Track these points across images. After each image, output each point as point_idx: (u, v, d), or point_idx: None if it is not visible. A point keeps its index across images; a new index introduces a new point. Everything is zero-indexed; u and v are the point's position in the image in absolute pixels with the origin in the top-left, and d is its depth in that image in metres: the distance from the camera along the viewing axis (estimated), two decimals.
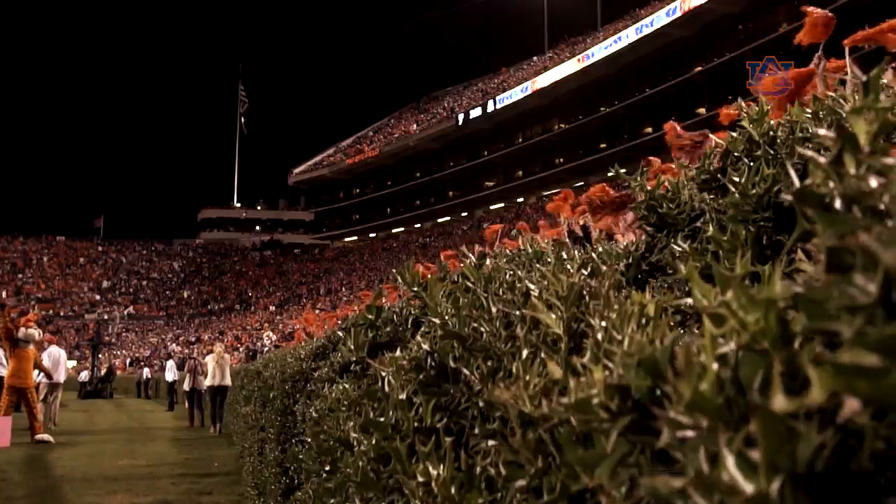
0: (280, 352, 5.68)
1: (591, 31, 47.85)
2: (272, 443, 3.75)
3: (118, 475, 7.64)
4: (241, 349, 27.75)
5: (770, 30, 31.15)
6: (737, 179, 0.98)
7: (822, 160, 0.44)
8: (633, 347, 0.52)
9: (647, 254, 1.17)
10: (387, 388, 1.03)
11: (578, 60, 40.98)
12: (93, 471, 7.99)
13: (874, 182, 0.39)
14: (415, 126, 57.20)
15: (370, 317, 1.54)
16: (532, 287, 0.94)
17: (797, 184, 0.47)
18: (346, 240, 64.73)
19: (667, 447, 0.43)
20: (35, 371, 11.71)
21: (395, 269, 1.52)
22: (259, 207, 77.26)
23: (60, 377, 13.83)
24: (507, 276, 1.10)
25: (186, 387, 15.28)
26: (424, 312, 1.40)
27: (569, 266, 1.04)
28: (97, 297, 61.43)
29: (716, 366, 0.41)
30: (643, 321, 0.67)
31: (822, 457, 0.33)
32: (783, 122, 1.12)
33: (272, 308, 50.77)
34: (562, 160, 44.33)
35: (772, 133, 1.08)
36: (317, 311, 23.33)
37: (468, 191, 51.92)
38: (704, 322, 0.48)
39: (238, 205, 76.83)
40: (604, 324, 0.64)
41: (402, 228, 58.46)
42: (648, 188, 1.21)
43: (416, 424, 0.95)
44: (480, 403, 0.89)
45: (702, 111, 33.23)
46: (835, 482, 0.34)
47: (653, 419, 0.46)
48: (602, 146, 41.03)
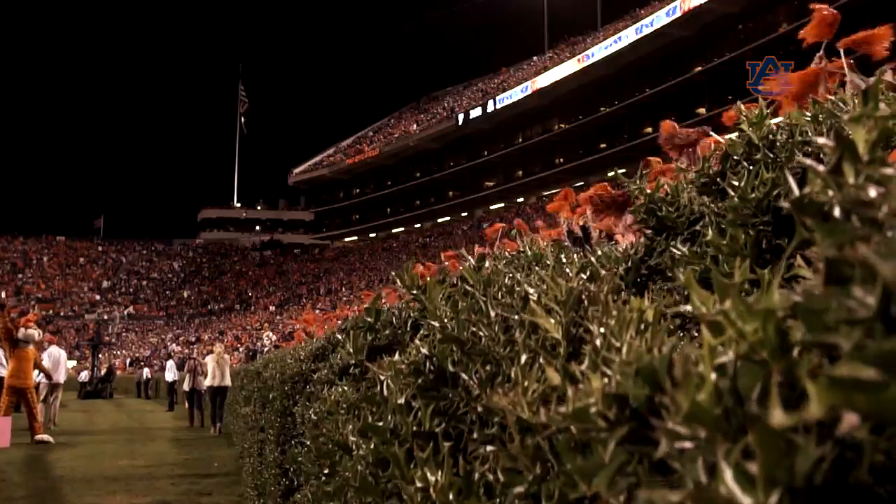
0: (280, 352, 5.68)
1: (591, 31, 47.84)
2: (272, 444, 3.75)
3: (118, 475, 7.64)
4: (241, 349, 27.74)
5: (770, 30, 31.15)
6: (736, 183, 0.98)
7: (821, 169, 0.44)
8: (632, 356, 0.51)
9: (647, 257, 1.16)
10: (385, 393, 1.03)
11: (578, 60, 40.97)
12: (92, 471, 7.99)
13: (873, 192, 0.39)
14: (415, 126, 57.20)
15: (369, 319, 1.53)
16: (531, 291, 0.94)
17: (796, 192, 0.46)
18: (346, 240, 64.73)
19: (665, 457, 0.43)
20: (35, 371, 11.71)
21: (395, 272, 1.52)
22: (259, 207, 77.24)
23: (60, 377, 13.82)
24: (507, 280, 1.10)
25: (186, 387, 15.28)
26: (423, 315, 1.39)
27: (568, 270, 1.04)
28: (97, 297, 61.43)
29: (714, 376, 0.41)
30: (642, 327, 0.67)
31: (821, 470, 0.33)
32: (782, 126, 1.11)
33: (272, 308, 50.77)
34: (562, 160, 44.32)
35: (771, 136, 1.08)
36: (317, 311, 23.36)
37: (468, 191, 51.92)
38: (703, 330, 0.47)
39: (238, 205, 76.82)
40: (602, 330, 0.64)
41: (402, 228, 58.46)
42: (648, 191, 1.21)
43: (415, 429, 0.94)
44: (479, 408, 0.88)
45: (702, 111, 33.24)
46: (833, 496, 0.33)
47: (651, 428, 0.46)
48: (602, 146, 41.04)
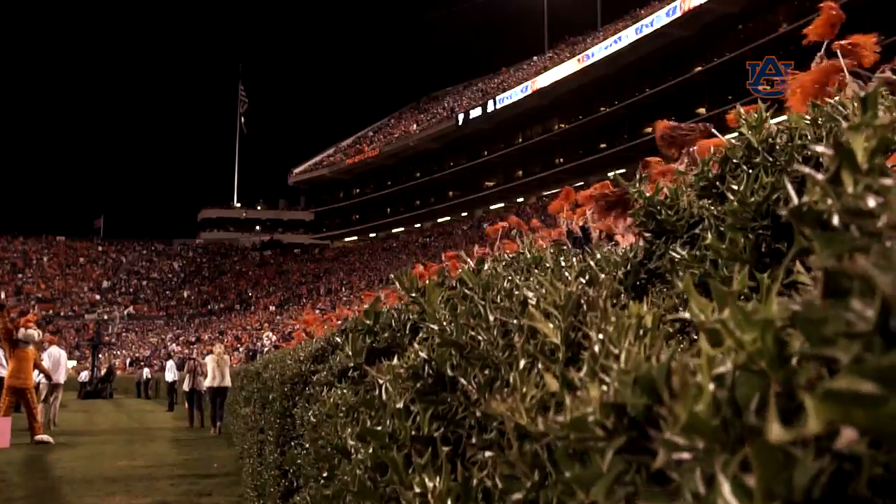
0: (279, 353, 5.68)
1: (591, 31, 47.85)
2: (271, 445, 3.75)
3: (117, 476, 7.64)
4: (241, 349, 27.74)
5: (770, 30, 31.15)
6: (735, 187, 0.98)
7: (820, 177, 0.43)
8: (630, 364, 0.51)
9: (646, 260, 1.16)
10: (384, 397, 1.03)
11: (578, 60, 40.98)
12: (92, 472, 7.99)
13: (872, 202, 0.38)
14: (415, 126, 57.20)
15: (368, 322, 1.53)
16: (530, 295, 0.94)
17: (795, 200, 0.46)
18: (346, 240, 64.74)
19: (663, 467, 0.43)
20: (35, 371, 11.71)
21: (395, 272, 1.51)
22: (259, 207, 77.26)
23: (61, 378, 13.81)
24: (506, 284, 1.09)
25: (186, 387, 15.28)
26: (423, 318, 1.39)
27: (567, 274, 1.04)
28: (97, 297, 61.44)
29: (712, 386, 0.41)
30: (641, 333, 0.67)
31: (819, 484, 0.33)
32: (782, 129, 1.11)
33: (272, 308, 50.76)
34: (562, 160, 44.33)
35: (770, 140, 1.08)
36: (317, 311, 23.35)
37: (468, 191, 51.92)
38: (701, 340, 0.47)
39: (238, 205, 76.84)
40: (601, 336, 0.64)
41: (402, 228, 58.46)
42: (647, 194, 1.20)
43: (414, 433, 0.94)
44: (478, 413, 0.88)
45: (702, 111, 33.24)
46: None
47: (649, 438, 0.46)
48: (602, 146, 41.04)
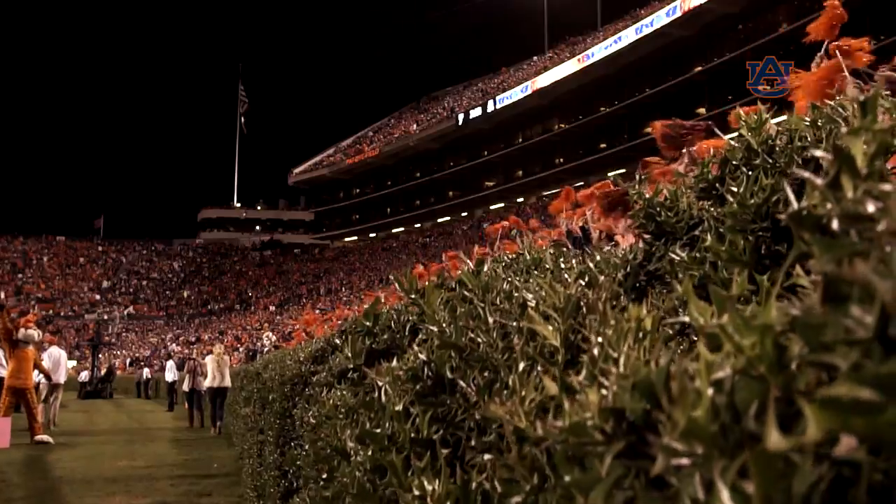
0: (279, 353, 5.68)
1: (591, 31, 47.86)
2: (271, 445, 3.74)
3: (117, 476, 7.64)
4: (241, 349, 27.73)
5: (770, 30, 31.15)
6: (735, 189, 0.98)
7: (819, 182, 0.43)
8: (629, 368, 0.51)
9: (646, 262, 1.16)
10: (383, 399, 1.03)
11: (578, 60, 40.98)
12: (92, 472, 7.99)
13: (871, 207, 0.38)
14: (415, 126, 57.20)
15: (367, 323, 1.53)
16: (529, 297, 0.94)
17: (795, 204, 0.46)
18: (346, 240, 64.74)
19: (662, 472, 0.43)
20: (35, 371, 11.71)
21: (393, 275, 1.51)
22: (259, 207, 77.26)
23: (61, 378, 13.81)
24: (505, 286, 1.09)
25: (186, 387, 15.28)
26: (422, 319, 1.39)
27: (566, 276, 1.04)
28: (97, 297, 61.44)
29: (711, 391, 0.41)
30: (640, 336, 0.67)
31: (819, 491, 0.33)
32: (782, 131, 1.11)
33: (272, 308, 50.77)
34: (562, 160, 44.33)
35: (770, 141, 1.08)
36: (317, 311, 23.33)
37: (468, 191, 51.92)
38: (700, 344, 0.47)
39: (238, 205, 76.84)
40: (600, 339, 0.64)
41: (402, 228, 58.46)
42: (647, 196, 1.20)
43: (413, 436, 0.94)
44: (477, 416, 0.88)
45: (702, 111, 33.22)
46: None
47: (648, 443, 0.45)
48: (602, 146, 41.04)
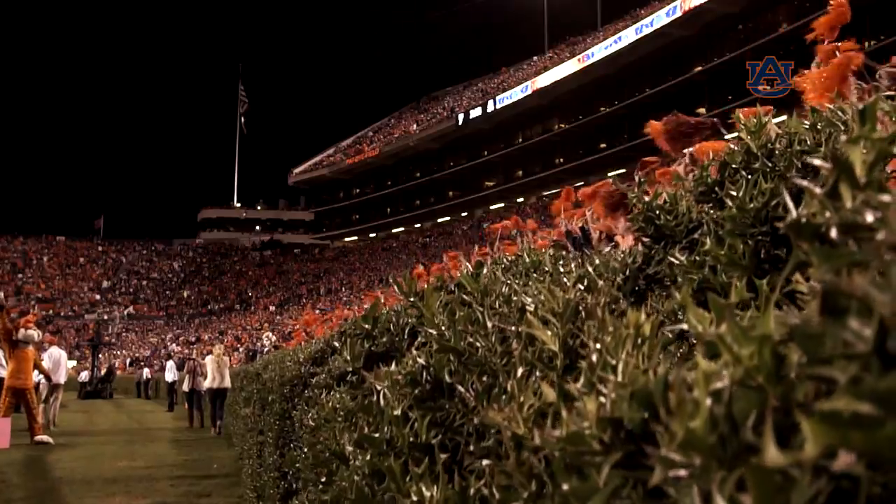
0: (279, 354, 5.68)
1: (591, 31, 47.85)
2: (271, 447, 3.74)
3: (117, 477, 7.64)
4: (241, 349, 27.72)
5: (770, 30, 31.15)
6: (734, 193, 0.97)
7: (818, 190, 0.43)
8: (627, 377, 0.51)
9: (645, 266, 1.16)
10: (382, 403, 1.02)
11: (578, 60, 40.98)
12: (92, 472, 7.99)
13: (870, 217, 0.38)
14: (415, 126, 57.19)
15: (366, 326, 1.53)
16: (528, 302, 0.94)
17: (793, 213, 0.46)
18: (346, 240, 64.73)
19: (660, 483, 0.42)
20: (34, 372, 11.71)
21: (392, 278, 1.51)
22: (259, 207, 77.25)
23: (61, 378, 13.81)
24: (504, 289, 1.09)
25: (186, 387, 15.27)
26: (421, 322, 1.39)
27: (565, 280, 1.04)
28: (97, 297, 61.43)
29: (709, 401, 0.41)
30: (639, 341, 0.66)
31: None
32: (781, 134, 1.11)
33: (272, 308, 50.76)
34: (562, 160, 44.32)
35: (770, 145, 1.07)
36: (317, 312, 23.32)
37: (468, 191, 51.92)
38: (698, 354, 0.47)
39: (238, 205, 76.83)
40: (598, 346, 0.63)
41: (402, 228, 58.46)
42: (646, 199, 1.20)
43: (412, 440, 0.94)
44: (476, 421, 0.88)
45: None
46: None
47: (646, 454, 0.45)
48: (602, 146, 41.04)
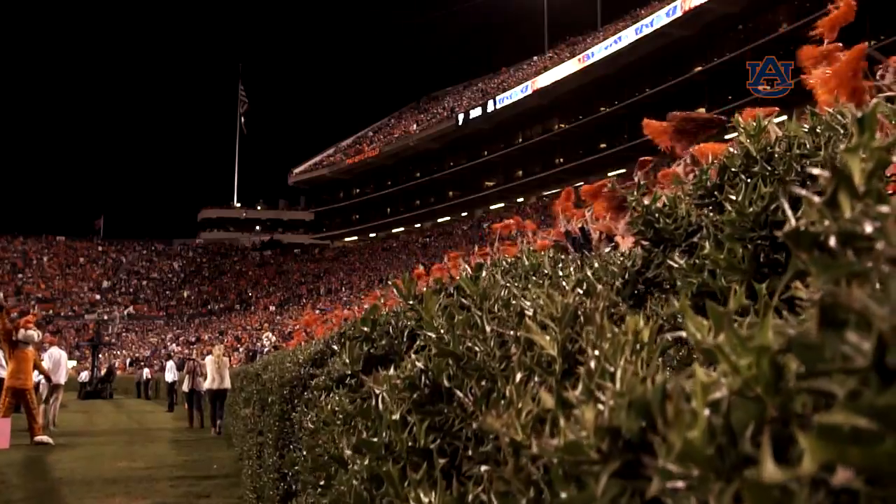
0: (279, 354, 5.68)
1: (591, 31, 47.84)
2: (270, 448, 3.74)
3: (117, 477, 7.63)
4: (241, 349, 27.72)
5: (770, 30, 31.14)
6: (734, 198, 0.97)
7: (817, 199, 0.43)
8: (625, 385, 0.51)
9: (644, 269, 1.16)
10: (380, 407, 1.02)
11: (578, 60, 40.97)
12: (92, 473, 7.98)
13: (869, 227, 0.38)
14: (415, 126, 57.18)
15: (365, 329, 1.52)
16: (527, 306, 0.93)
17: (792, 221, 0.46)
18: (346, 240, 64.72)
19: (658, 494, 0.42)
20: (34, 372, 11.70)
21: (394, 275, 1.51)
22: (259, 207, 77.23)
23: (61, 378, 13.80)
24: (503, 293, 1.09)
25: (185, 388, 15.27)
26: (420, 325, 1.39)
27: (564, 284, 1.03)
28: (97, 297, 61.42)
29: (707, 412, 0.40)
30: (637, 347, 0.66)
31: None
32: (781, 137, 1.11)
33: (272, 308, 50.76)
34: (562, 160, 44.31)
35: (769, 149, 1.07)
36: (317, 312, 23.31)
37: (468, 191, 51.90)
38: (696, 362, 0.47)
39: (238, 205, 76.80)
40: (597, 353, 0.63)
41: (402, 228, 58.45)
42: (645, 202, 1.20)
43: (410, 445, 0.94)
44: (474, 425, 0.88)
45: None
46: None
47: (644, 463, 0.45)
48: (602, 146, 41.02)
